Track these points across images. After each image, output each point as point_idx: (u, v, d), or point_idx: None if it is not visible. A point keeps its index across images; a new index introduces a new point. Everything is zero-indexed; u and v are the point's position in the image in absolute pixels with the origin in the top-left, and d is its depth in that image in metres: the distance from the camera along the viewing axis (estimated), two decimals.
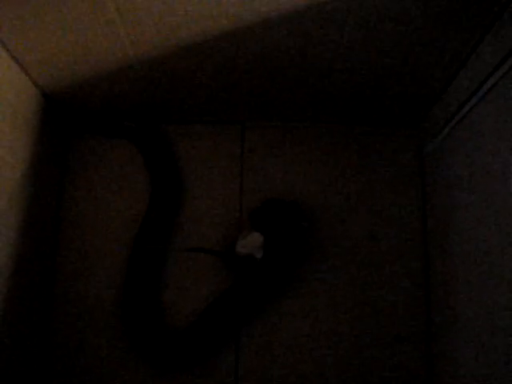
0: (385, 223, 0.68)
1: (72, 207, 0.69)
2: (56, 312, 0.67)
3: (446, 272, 0.61)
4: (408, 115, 0.69)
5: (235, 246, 0.64)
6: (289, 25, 0.50)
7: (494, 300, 0.48)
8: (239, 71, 0.59)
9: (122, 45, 0.54)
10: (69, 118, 0.70)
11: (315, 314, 0.66)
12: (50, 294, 0.67)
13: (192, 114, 0.70)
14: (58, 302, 0.67)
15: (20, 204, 0.59)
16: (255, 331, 0.66)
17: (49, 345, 0.66)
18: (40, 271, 0.65)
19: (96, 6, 0.48)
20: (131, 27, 0.51)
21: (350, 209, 0.69)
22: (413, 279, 0.67)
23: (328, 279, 0.67)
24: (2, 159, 0.55)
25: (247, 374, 0.65)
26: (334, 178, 0.70)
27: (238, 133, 0.71)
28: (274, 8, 0.48)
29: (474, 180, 0.54)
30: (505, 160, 0.46)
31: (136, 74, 0.59)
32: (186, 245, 0.68)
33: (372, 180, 0.70)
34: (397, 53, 0.54)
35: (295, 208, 0.66)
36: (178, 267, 0.68)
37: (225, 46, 0.54)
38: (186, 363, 0.65)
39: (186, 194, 0.70)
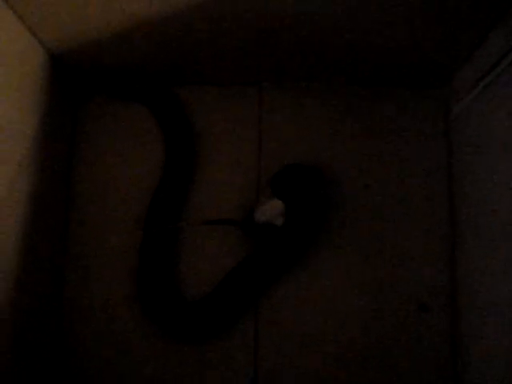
0: (410, 189, 0.66)
1: (83, 171, 0.67)
2: (67, 282, 0.65)
3: (473, 239, 0.59)
4: (435, 75, 0.65)
5: (254, 213, 0.62)
6: None
7: None
8: (255, 29, 0.55)
9: (133, 1, 0.50)
10: (78, 80, 0.67)
11: (336, 281, 0.64)
12: (61, 262, 0.65)
13: (206, 76, 0.67)
14: (69, 271, 0.65)
15: (30, 169, 0.57)
16: (275, 301, 0.64)
17: (60, 314, 0.64)
18: (49, 239, 0.63)
19: None
20: None
21: (373, 173, 0.66)
22: (438, 247, 0.64)
23: (349, 245, 0.65)
24: (10, 122, 0.53)
25: (266, 344, 0.63)
26: (356, 141, 0.67)
27: (254, 94, 0.68)
28: None
29: (504, 143, 0.51)
30: None
31: (148, 33, 0.56)
32: (202, 213, 0.66)
33: (396, 143, 0.67)
34: (424, 10, 0.51)
35: (317, 173, 0.63)
36: (194, 236, 0.65)
37: (241, 3, 0.51)
38: (204, 334, 0.63)
39: (202, 159, 0.67)
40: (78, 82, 0.67)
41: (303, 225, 0.62)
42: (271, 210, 0.61)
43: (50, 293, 0.63)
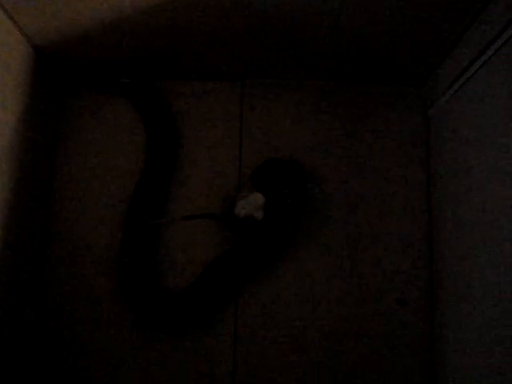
0: (388, 184, 0.67)
1: (66, 165, 0.67)
2: (49, 274, 0.65)
3: (451, 234, 0.60)
4: (413, 74, 0.66)
5: (234, 207, 0.63)
6: None
7: (501, 263, 0.47)
8: (238, 25, 0.56)
9: None
10: (61, 73, 0.67)
11: (314, 275, 0.65)
12: (44, 253, 0.65)
13: (189, 70, 0.67)
14: (51, 262, 0.65)
15: (11, 161, 0.57)
16: (254, 293, 0.65)
17: (41, 306, 0.65)
18: (32, 234, 0.63)
19: None
20: None
21: (353, 169, 0.67)
22: (416, 241, 0.66)
23: (328, 240, 0.66)
24: None
25: (246, 336, 0.64)
26: (337, 138, 0.68)
27: (237, 90, 0.69)
28: None
29: (483, 140, 0.52)
30: None
31: (131, 27, 0.57)
32: (184, 206, 0.66)
33: (375, 140, 0.68)
34: (402, 9, 0.52)
35: (297, 168, 0.64)
36: (175, 230, 0.66)
37: None
38: (184, 326, 0.64)
39: (183, 154, 0.68)
40: (61, 75, 0.67)
41: (283, 218, 0.62)
42: (251, 203, 0.61)
43: (33, 285, 0.63)
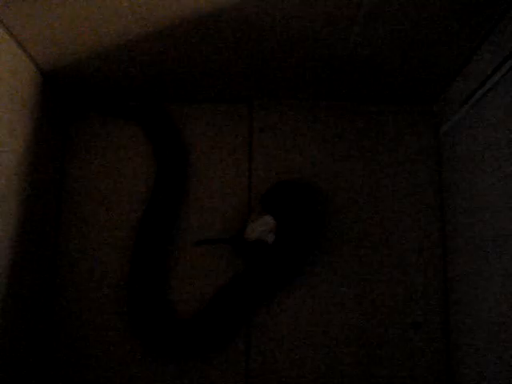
0: (400, 205, 0.66)
1: (74, 189, 0.67)
2: (59, 300, 0.65)
3: (465, 253, 0.59)
4: (424, 93, 0.66)
5: (245, 230, 0.62)
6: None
7: None
8: (246, 47, 0.56)
9: (126, 20, 0.51)
10: (69, 97, 0.67)
11: (327, 300, 0.64)
12: (52, 280, 0.65)
13: (197, 93, 0.67)
14: (60, 288, 0.65)
15: (20, 187, 0.56)
16: (266, 319, 0.63)
17: (52, 332, 0.64)
18: (40, 261, 0.63)
19: None
20: (135, 1, 0.48)
21: (364, 190, 0.66)
22: (430, 263, 0.64)
23: (341, 264, 0.64)
24: (0, 141, 0.52)
25: (258, 363, 0.63)
26: (347, 158, 0.67)
27: (245, 112, 0.69)
28: None
29: (496, 157, 0.51)
30: None
31: (140, 51, 0.57)
32: (193, 230, 0.66)
33: (387, 160, 0.67)
34: (413, 29, 0.52)
35: (309, 190, 0.63)
36: (184, 254, 0.65)
37: (231, 20, 0.51)
38: (195, 352, 0.63)
39: (193, 176, 0.67)
40: (69, 100, 0.67)
41: (295, 242, 0.61)
42: (262, 227, 0.60)
43: (41, 310, 0.63)
